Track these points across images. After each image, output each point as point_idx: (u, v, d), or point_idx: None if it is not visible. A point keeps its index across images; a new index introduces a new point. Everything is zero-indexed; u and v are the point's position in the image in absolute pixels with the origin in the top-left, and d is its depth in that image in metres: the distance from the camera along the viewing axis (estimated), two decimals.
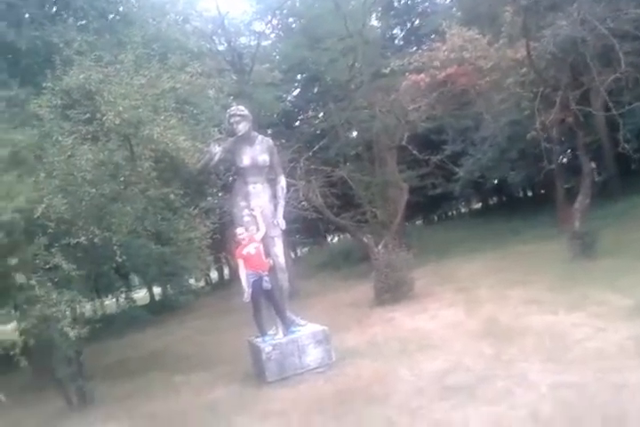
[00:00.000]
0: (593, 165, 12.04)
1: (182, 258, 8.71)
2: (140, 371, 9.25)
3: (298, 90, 28.13)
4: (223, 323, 12.99)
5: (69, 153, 6.86)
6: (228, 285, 24.84)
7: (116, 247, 6.84)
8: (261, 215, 7.57)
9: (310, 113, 28.64)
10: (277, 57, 26.57)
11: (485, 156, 19.58)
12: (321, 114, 26.67)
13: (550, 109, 11.51)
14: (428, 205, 27.13)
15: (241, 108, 7.75)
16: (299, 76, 27.19)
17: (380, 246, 11.97)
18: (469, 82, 12.77)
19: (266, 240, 7.59)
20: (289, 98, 26.57)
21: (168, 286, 12.79)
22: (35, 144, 7.20)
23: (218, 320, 13.77)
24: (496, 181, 22.00)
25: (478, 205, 35.78)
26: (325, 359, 7.19)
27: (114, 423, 6.62)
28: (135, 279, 17.86)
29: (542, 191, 29.12)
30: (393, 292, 10.68)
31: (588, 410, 4.43)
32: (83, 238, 6.61)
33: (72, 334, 6.04)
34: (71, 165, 6.78)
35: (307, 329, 7.45)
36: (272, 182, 7.99)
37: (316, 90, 26.73)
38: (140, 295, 22.47)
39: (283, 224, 7.82)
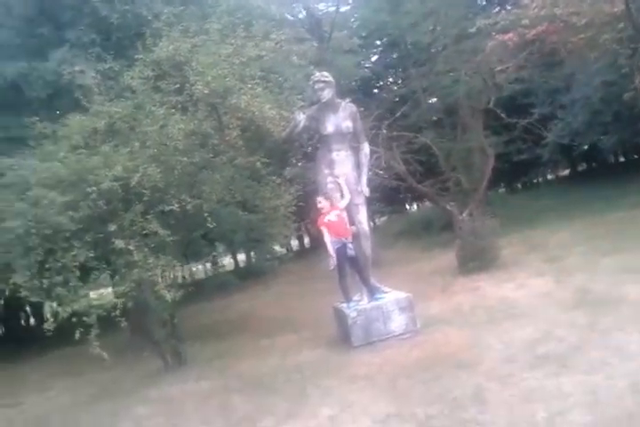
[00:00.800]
0: None
1: (268, 225, 8.89)
2: (228, 334, 9.65)
3: (377, 56, 27.61)
4: (306, 289, 13.27)
5: (161, 123, 7.11)
6: (309, 252, 25.26)
7: (206, 214, 7.08)
8: (345, 183, 7.59)
9: (390, 79, 28.14)
10: (356, 23, 26.12)
11: (576, 119, 18.57)
12: (400, 80, 26.14)
13: None
14: (513, 172, 26.22)
15: (325, 74, 7.70)
16: (378, 42, 26.66)
17: (464, 214, 11.74)
18: (561, 40, 12.02)
19: (350, 207, 7.62)
20: (368, 65, 26.11)
21: (253, 252, 13.06)
22: (129, 115, 7.49)
23: (301, 286, 14.08)
24: (586, 146, 20.86)
25: (566, 172, 34.23)
26: (410, 326, 7.21)
27: (206, 382, 6.95)
28: (220, 247, 18.44)
29: (636, 156, 27.52)
30: (478, 260, 10.48)
31: None
32: (175, 206, 6.87)
33: (168, 297, 6.35)
34: (163, 134, 7.02)
35: (391, 296, 7.48)
36: (355, 149, 7.97)
37: (395, 55, 26.15)
38: (226, 262, 23.25)
39: (367, 191, 7.81)
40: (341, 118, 7.66)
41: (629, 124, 18.43)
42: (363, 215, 7.79)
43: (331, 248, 7.24)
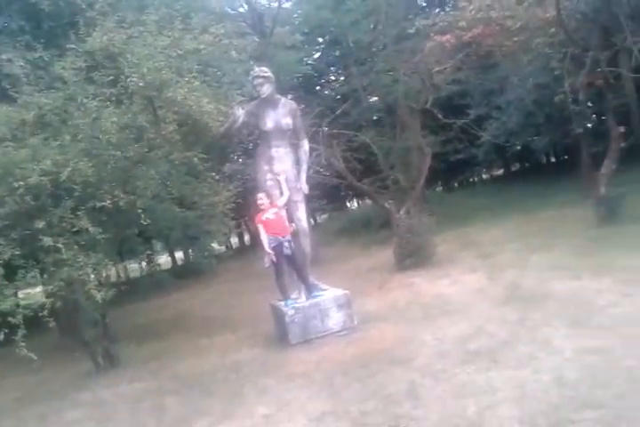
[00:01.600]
0: (621, 129, 11.72)
1: (205, 222, 8.76)
2: (164, 333, 9.46)
3: (319, 53, 27.65)
4: (245, 287, 13.17)
5: (94, 116, 6.86)
6: (248, 250, 25.10)
7: (140, 211, 6.88)
8: (284, 180, 7.56)
9: (331, 77, 28.24)
10: (298, 19, 26.08)
11: (510, 120, 19.12)
12: (342, 78, 26.25)
13: (579, 71, 11.16)
14: (450, 171, 26.83)
15: (264, 69, 7.64)
16: (320, 39, 26.70)
17: (401, 212, 11.92)
18: (496, 43, 12.40)
19: (289, 205, 7.61)
20: (309, 61, 26.12)
21: (190, 250, 12.82)
22: (60, 107, 7.17)
23: (240, 284, 13.97)
24: (519, 147, 21.55)
25: (500, 172, 35.34)
26: (347, 323, 7.27)
27: (140, 384, 6.77)
28: (157, 245, 17.97)
29: (566, 157, 28.65)
30: (414, 257, 10.68)
31: (614, 375, 4.40)
32: (108, 202, 6.64)
33: (98, 296, 6.13)
34: (96, 128, 6.77)
35: (329, 293, 7.52)
36: (295, 146, 7.95)
37: (337, 53, 26.24)
38: (162, 260, 22.78)
39: (306, 189, 7.81)
40: (281, 115, 7.61)
41: (560, 125, 19.15)
42: (302, 213, 7.78)
43: (267, 246, 7.20)
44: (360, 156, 14.96)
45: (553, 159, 31.63)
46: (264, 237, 7.21)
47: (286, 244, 7.25)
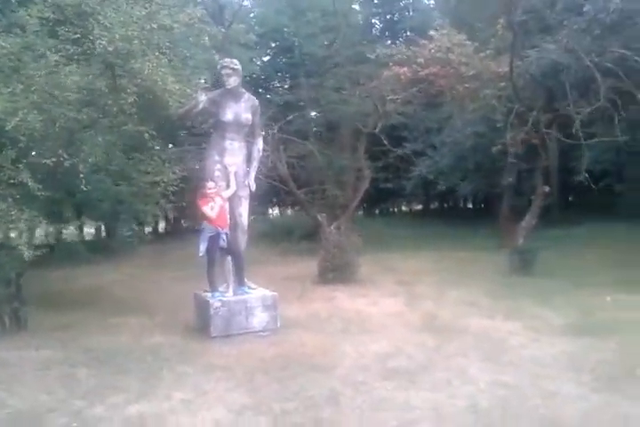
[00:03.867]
0: (547, 188, 12.48)
1: (140, 201, 8.46)
2: (74, 306, 8.97)
3: (268, 57, 27.68)
4: (162, 274, 12.76)
5: (50, 70, 6.50)
6: (166, 237, 24.45)
7: (82, 175, 6.58)
8: (234, 173, 7.48)
9: (276, 83, 28.32)
10: (254, 19, 26.14)
11: (443, 160, 19.96)
12: (286, 86, 26.39)
13: (521, 128, 11.83)
14: (375, 198, 27.35)
15: (235, 61, 7.61)
16: (272, 44, 26.78)
17: (332, 227, 12.03)
18: (448, 85, 12.92)
19: (233, 199, 7.51)
20: (258, 63, 26.08)
21: (115, 226, 12.14)
22: (14, 53, 6.75)
23: (157, 271, 13.49)
24: (444, 187, 22.45)
25: (419, 207, 36.50)
26: (271, 324, 7.23)
27: (47, 352, 6.39)
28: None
29: (483, 205, 30.11)
30: (338, 272, 10.77)
31: (523, 410, 4.63)
32: (51, 159, 6.31)
33: (26, 254, 5.77)
34: (52, 83, 6.42)
35: (257, 292, 7.46)
36: (249, 143, 7.89)
37: (286, 61, 26.34)
38: (85, 231, 21.89)
39: (253, 186, 7.75)
40: (242, 109, 7.56)
41: (487, 174, 20.17)
42: (244, 209, 7.71)
43: (202, 235, 7.08)
44: (305, 165, 15.00)
45: (470, 205, 33.15)
46: (204, 226, 7.09)
47: (223, 236, 7.15)
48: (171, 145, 8.92)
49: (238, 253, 7.47)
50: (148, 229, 21.65)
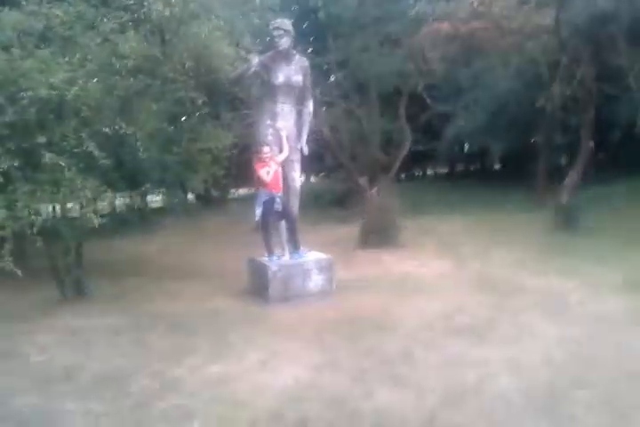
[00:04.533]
0: (592, 143, 12.29)
1: (189, 169, 8.51)
2: (131, 274, 9.16)
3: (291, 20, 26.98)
4: (212, 240, 12.92)
5: (108, 37, 6.52)
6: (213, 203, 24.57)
7: (139, 143, 6.64)
8: (286, 137, 7.49)
9: (304, 46, 27.69)
10: None
11: (476, 119, 19.53)
12: (310, 49, 25.76)
13: (567, 81, 11.56)
14: (404, 162, 26.92)
15: (286, 22, 7.52)
16: (292, 8, 26.06)
17: (373, 190, 12.02)
18: (490, 39, 12.56)
19: (286, 162, 7.55)
20: None
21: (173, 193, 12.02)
22: (68, 22, 6.75)
23: (198, 239, 13.67)
24: (476, 148, 22.07)
25: (444, 170, 36.04)
26: (327, 287, 7.35)
27: (113, 318, 6.56)
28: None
29: (512, 165, 29.64)
30: (381, 235, 10.81)
31: (598, 361, 4.71)
32: (109, 128, 6.38)
33: (95, 221, 5.91)
34: (109, 51, 6.44)
35: (312, 255, 7.56)
36: (300, 105, 7.85)
37: (307, 24, 25.63)
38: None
39: (306, 150, 7.76)
40: (293, 71, 7.52)
41: (520, 133, 19.76)
42: (297, 172, 7.76)
43: (260, 199, 7.17)
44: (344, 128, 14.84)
45: (498, 166, 32.64)
46: (260, 191, 7.17)
47: (278, 199, 7.22)
48: (223, 110, 8.87)
49: (293, 217, 7.56)
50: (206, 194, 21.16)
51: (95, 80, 6.24)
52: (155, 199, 19.44)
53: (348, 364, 4.87)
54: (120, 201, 12.02)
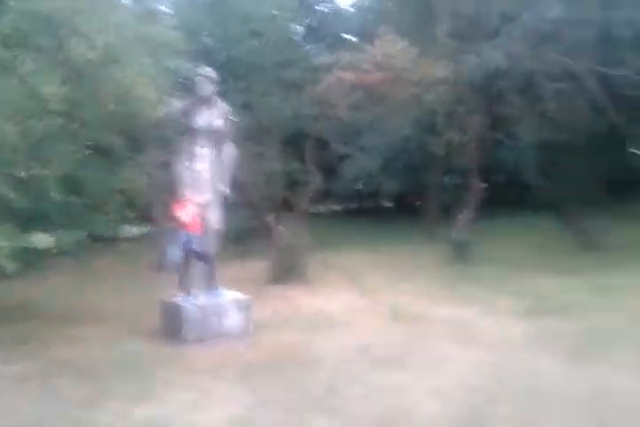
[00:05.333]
0: (483, 184, 13.48)
1: (97, 211, 8.37)
2: (30, 317, 8.61)
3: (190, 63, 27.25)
4: (100, 284, 12.47)
5: (25, 80, 6.45)
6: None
7: (50, 186, 6.54)
8: (204, 179, 7.69)
9: None
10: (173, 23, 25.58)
11: (372, 161, 20.55)
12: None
13: (464, 129, 12.68)
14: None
15: (210, 70, 7.95)
16: (194, 48, 26.33)
17: (281, 227, 12.25)
18: (391, 90, 13.42)
19: (205, 205, 7.70)
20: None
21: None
22: None
23: (94, 281, 13.15)
24: (371, 188, 22.93)
25: (337, 207, 37.01)
26: (245, 326, 7.46)
27: (17, 366, 6.19)
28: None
29: (403, 204, 31.16)
30: (291, 271, 11.06)
31: (513, 383, 5.27)
32: (26, 172, 6.28)
33: (10, 267, 5.72)
34: (27, 93, 6.38)
35: (230, 295, 7.68)
36: (219, 148, 8.07)
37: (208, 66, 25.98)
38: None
39: (227, 191, 7.96)
40: (215, 115, 7.80)
41: (412, 175, 21.03)
42: (215, 214, 7.90)
43: (178, 240, 7.25)
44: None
45: (390, 204, 34.15)
46: (177, 233, 7.26)
47: (196, 240, 7.34)
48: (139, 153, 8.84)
49: (211, 257, 7.66)
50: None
51: (11, 123, 6.11)
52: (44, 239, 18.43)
53: (279, 399, 5.06)
54: None
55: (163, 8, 21.13)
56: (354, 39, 20.75)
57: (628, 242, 13.24)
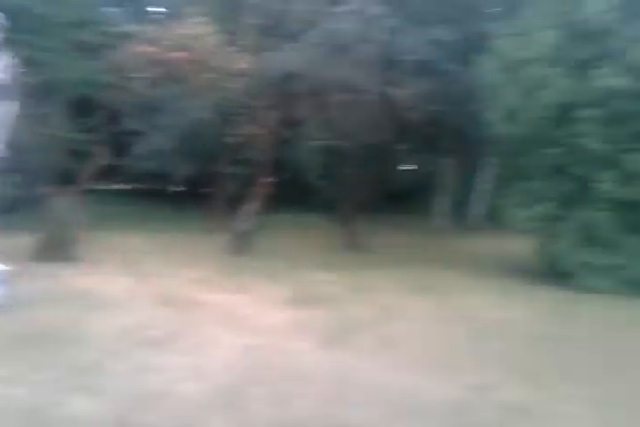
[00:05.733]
0: (270, 179, 13.99)
1: None
2: None
3: None
4: None
5: None
6: None
7: None
8: None
9: None
10: None
11: (163, 141, 19.97)
12: None
13: (260, 123, 13.04)
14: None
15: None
16: None
17: (55, 199, 11.29)
18: (191, 71, 13.29)
19: None
20: None
21: None
22: None
23: None
24: (160, 170, 22.23)
25: (126, 186, 35.32)
26: (5, 301, 6.84)
27: None
28: None
29: (191, 190, 30.79)
30: (60, 249, 10.31)
31: (272, 364, 5.57)
32: None
33: None
34: None
35: None
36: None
37: None
38: None
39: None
40: None
41: (203, 162, 20.90)
42: None
43: None
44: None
45: (178, 189, 33.46)
46: None
47: None
48: None
49: None
50: None
51: None
52: None
53: (36, 376, 4.75)
54: None
55: None
56: (161, 12, 20.14)
57: (390, 246, 14.95)
